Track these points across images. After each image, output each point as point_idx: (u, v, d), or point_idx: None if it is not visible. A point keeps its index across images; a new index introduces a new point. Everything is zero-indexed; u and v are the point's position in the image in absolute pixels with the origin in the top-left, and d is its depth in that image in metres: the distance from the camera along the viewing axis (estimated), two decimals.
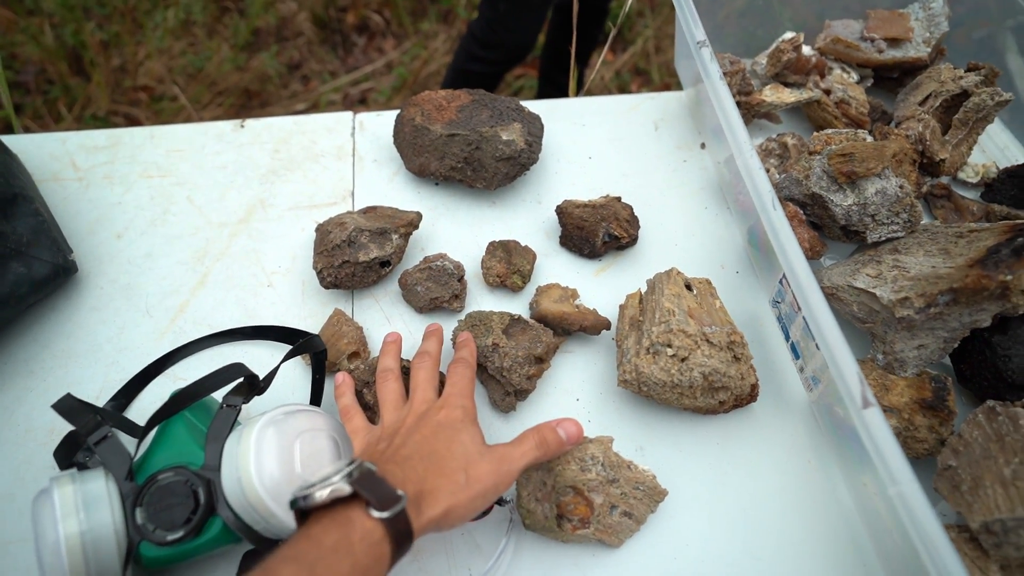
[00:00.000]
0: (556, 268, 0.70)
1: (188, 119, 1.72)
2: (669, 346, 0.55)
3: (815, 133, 0.67)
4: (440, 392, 0.52)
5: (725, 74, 0.75)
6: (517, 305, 0.67)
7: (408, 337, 0.64)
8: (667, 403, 0.58)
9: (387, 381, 0.54)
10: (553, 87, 1.69)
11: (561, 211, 0.70)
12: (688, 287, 0.61)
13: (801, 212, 0.64)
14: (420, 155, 0.72)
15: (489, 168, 0.70)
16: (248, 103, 1.84)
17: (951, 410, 0.55)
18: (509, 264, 0.66)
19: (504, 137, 0.69)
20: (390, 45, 2.10)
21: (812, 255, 0.65)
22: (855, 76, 0.81)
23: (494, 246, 0.68)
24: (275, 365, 0.54)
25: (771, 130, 0.82)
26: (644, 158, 0.80)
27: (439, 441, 0.46)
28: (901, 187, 0.61)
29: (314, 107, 1.87)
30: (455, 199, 0.75)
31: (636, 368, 0.56)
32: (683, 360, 0.55)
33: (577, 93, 1.00)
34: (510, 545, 0.52)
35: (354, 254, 0.63)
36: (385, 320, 0.65)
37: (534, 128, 0.73)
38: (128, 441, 0.54)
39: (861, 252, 0.66)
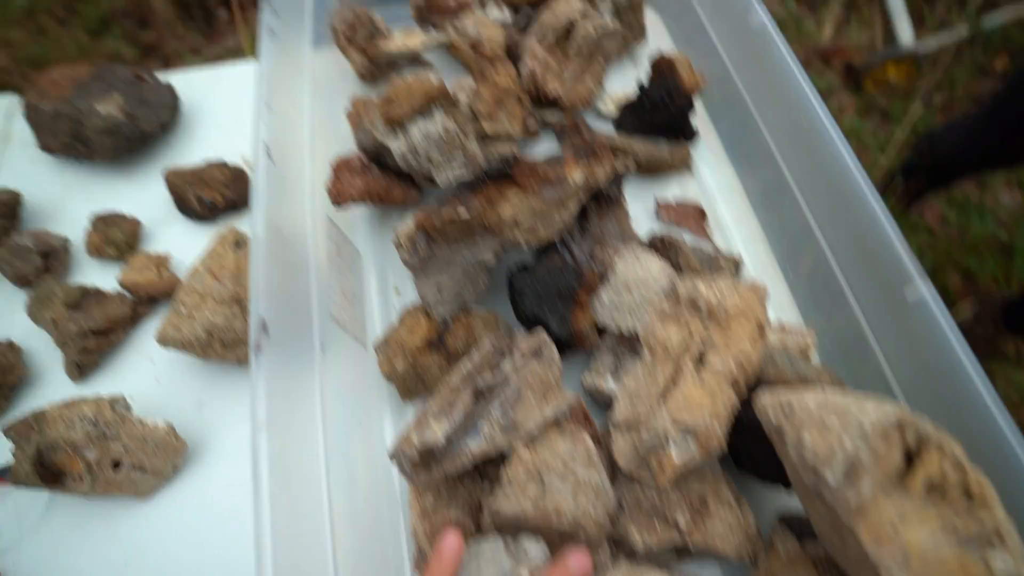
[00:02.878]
0: (172, 234, 0.71)
1: None
2: (184, 305, 0.57)
3: (392, 82, 0.66)
4: None
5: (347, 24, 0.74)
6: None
7: (6, 309, 0.67)
8: (219, 359, 0.60)
9: None
10: None
11: (166, 180, 0.71)
12: (239, 244, 0.62)
13: (358, 159, 0.64)
14: (42, 133, 0.73)
15: (97, 143, 0.71)
16: None
17: (448, 349, 0.55)
18: (105, 235, 0.68)
19: (101, 111, 0.70)
20: (254, 15, 2.08)
21: (381, 200, 0.65)
22: (504, 13, 0.80)
23: (97, 219, 0.69)
24: None
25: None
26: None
27: None
28: (446, 129, 0.61)
29: None
30: (92, 174, 0.76)
31: (161, 327, 0.58)
32: (191, 318, 0.57)
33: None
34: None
35: None
36: None
37: (151, 97, 0.73)
38: None
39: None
